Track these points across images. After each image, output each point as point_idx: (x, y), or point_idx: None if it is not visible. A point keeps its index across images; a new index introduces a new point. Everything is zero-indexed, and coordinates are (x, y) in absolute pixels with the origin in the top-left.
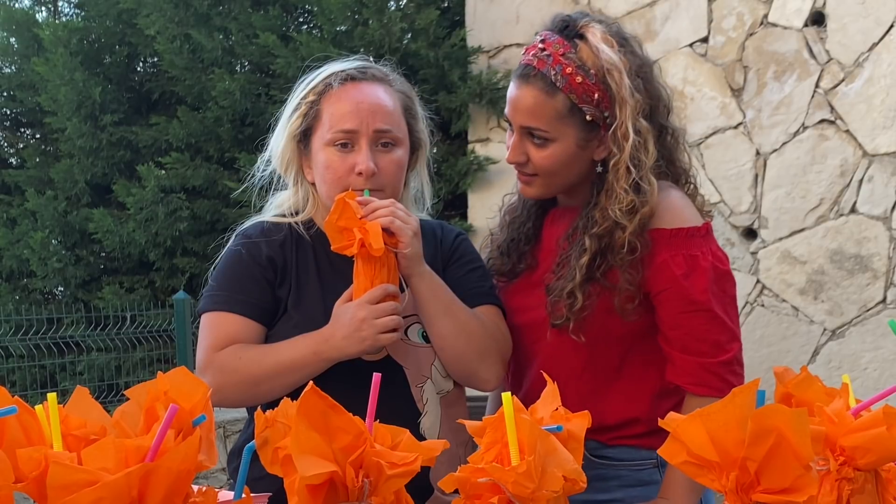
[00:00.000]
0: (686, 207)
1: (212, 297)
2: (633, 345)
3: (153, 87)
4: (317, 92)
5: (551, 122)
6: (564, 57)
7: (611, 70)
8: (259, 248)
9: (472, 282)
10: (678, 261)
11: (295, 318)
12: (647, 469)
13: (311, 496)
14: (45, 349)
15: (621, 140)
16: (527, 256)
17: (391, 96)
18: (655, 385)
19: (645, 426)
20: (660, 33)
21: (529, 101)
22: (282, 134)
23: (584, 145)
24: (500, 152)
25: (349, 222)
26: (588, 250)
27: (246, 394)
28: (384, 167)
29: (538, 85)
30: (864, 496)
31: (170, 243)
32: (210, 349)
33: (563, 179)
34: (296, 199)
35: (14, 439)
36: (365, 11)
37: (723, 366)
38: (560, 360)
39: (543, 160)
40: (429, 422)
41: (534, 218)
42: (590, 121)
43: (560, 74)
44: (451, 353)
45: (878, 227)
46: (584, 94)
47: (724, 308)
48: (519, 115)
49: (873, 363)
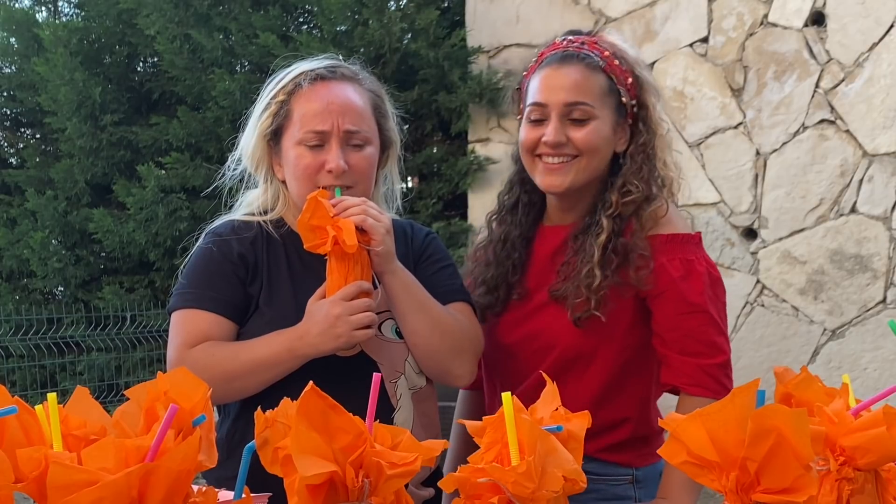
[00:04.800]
0: (679, 218)
1: (183, 295)
2: (632, 356)
3: (153, 87)
4: (286, 91)
5: (596, 98)
6: (598, 45)
7: (637, 62)
8: (230, 245)
9: (444, 280)
10: (675, 264)
11: (267, 316)
12: (623, 485)
13: (311, 496)
14: (45, 349)
15: (655, 124)
16: (516, 287)
17: (361, 96)
18: (644, 392)
19: (632, 427)
20: (660, 33)
21: (574, 76)
22: (252, 133)
23: (615, 130)
24: (500, 152)
25: (322, 221)
26: (605, 230)
27: (218, 391)
28: (354, 164)
29: (580, 64)
30: (864, 496)
31: (170, 243)
32: (182, 346)
33: (598, 163)
34: (265, 197)
35: (14, 439)
36: (365, 11)
37: (719, 368)
38: (562, 372)
39: (586, 136)
40: (402, 417)
41: (520, 249)
42: (622, 104)
43: (600, 56)
44: (425, 350)
45: (878, 227)
46: (621, 76)
47: (719, 312)
48: (562, 93)
49: (873, 363)
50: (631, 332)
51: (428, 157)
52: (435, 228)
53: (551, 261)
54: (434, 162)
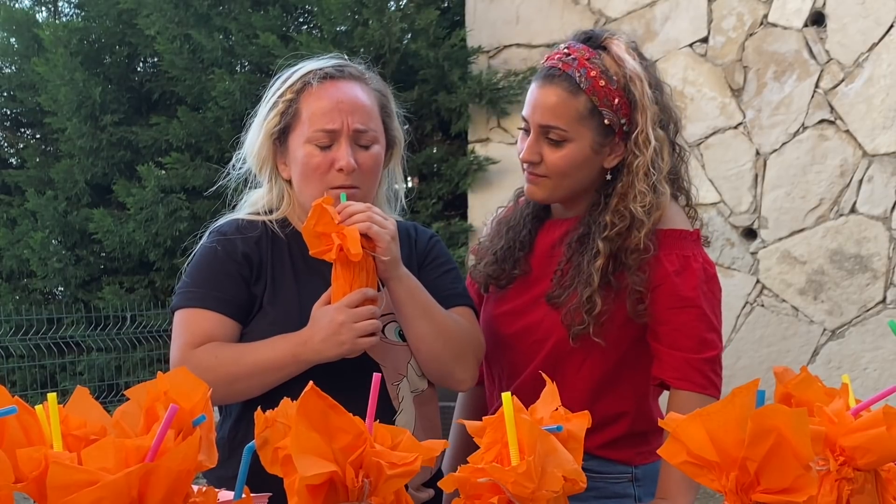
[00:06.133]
0: (677, 214)
1: (186, 294)
2: (628, 349)
3: (153, 87)
4: (294, 90)
5: (571, 122)
6: (589, 62)
7: (633, 78)
8: (234, 244)
9: (447, 284)
10: (671, 259)
11: (271, 316)
12: (623, 483)
13: (311, 496)
14: (45, 349)
15: (642, 145)
16: (521, 262)
17: (368, 95)
18: (641, 386)
19: (629, 421)
20: (660, 33)
21: (552, 99)
22: (258, 132)
23: (598, 150)
24: (500, 152)
25: (327, 227)
26: (601, 253)
27: (220, 392)
28: (363, 164)
29: (563, 85)
30: (863, 496)
31: (170, 243)
32: (186, 346)
33: (573, 183)
34: (270, 196)
35: (14, 439)
36: (365, 11)
37: (706, 363)
38: (558, 363)
39: (557, 160)
40: (403, 420)
41: (529, 226)
42: (607, 125)
43: (585, 77)
44: (428, 354)
45: (878, 227)
46: (606, 97)
47: (712, 309)
48: (539, 114)
49: (873, 363)
50: (626, 326)
51: (428, 157)
52: (435, 228)
53: (549, 250)
54: (434, 162)
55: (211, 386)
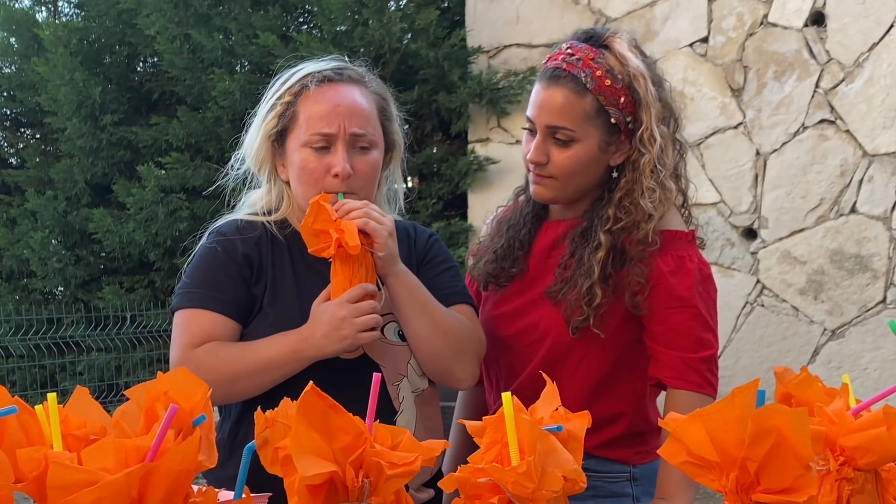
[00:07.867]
0: (673, 215)
1: (186, 294)
2: (625, 350)
3: (153, 87)
4: (293, 92)
5: (578, 122)
6: (594, 61)
7: (637, 76)
8: (234, 245)
9: (446, 282)
10: (667, 259)
11: (271, 317)
12: (621, 482)
13: (311, 496)
14: (45, 349)
15: (648, 142)
16: (519, 261)
17: (367, 98)
18: (638, 387)
19: (627, 422)
20: (660, 33)
21: (559, 100)
22: (256, 133)
23: (605, 148)
24: (500, 152)
25: (325, 224)
26: (603, 245)
27: (221, 391)
28: (359, 169)
29: (569, 86)
30: (864, 496)
31: (170, 243)
32: (186, 347)
33: (580, 182)
34: (269, 197)
35: (14, 439)
36: (365, 11)
37: (702, 362)
38: (556, 364)
39: (565, 160)
40: (404, 420)
41: (529, 225)
42: (613, 124)
43: (590, 76)
44: (428, 352)
45: (878, 227)
46: (612, 96)
47: (708, 309)
48: (546, 115)
49: (873, 363)
50: (623, 326)
51: (428, 157)
52: (435, 228)
53: (548, 252)
54: (434, 162)
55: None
